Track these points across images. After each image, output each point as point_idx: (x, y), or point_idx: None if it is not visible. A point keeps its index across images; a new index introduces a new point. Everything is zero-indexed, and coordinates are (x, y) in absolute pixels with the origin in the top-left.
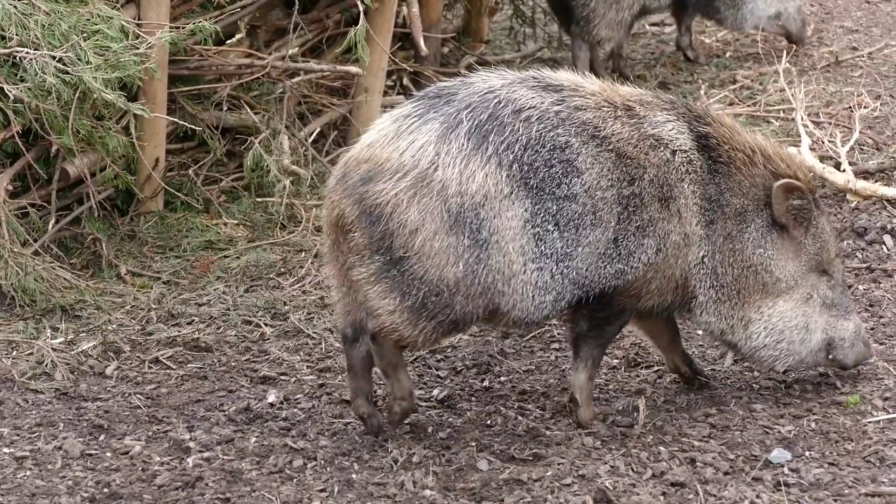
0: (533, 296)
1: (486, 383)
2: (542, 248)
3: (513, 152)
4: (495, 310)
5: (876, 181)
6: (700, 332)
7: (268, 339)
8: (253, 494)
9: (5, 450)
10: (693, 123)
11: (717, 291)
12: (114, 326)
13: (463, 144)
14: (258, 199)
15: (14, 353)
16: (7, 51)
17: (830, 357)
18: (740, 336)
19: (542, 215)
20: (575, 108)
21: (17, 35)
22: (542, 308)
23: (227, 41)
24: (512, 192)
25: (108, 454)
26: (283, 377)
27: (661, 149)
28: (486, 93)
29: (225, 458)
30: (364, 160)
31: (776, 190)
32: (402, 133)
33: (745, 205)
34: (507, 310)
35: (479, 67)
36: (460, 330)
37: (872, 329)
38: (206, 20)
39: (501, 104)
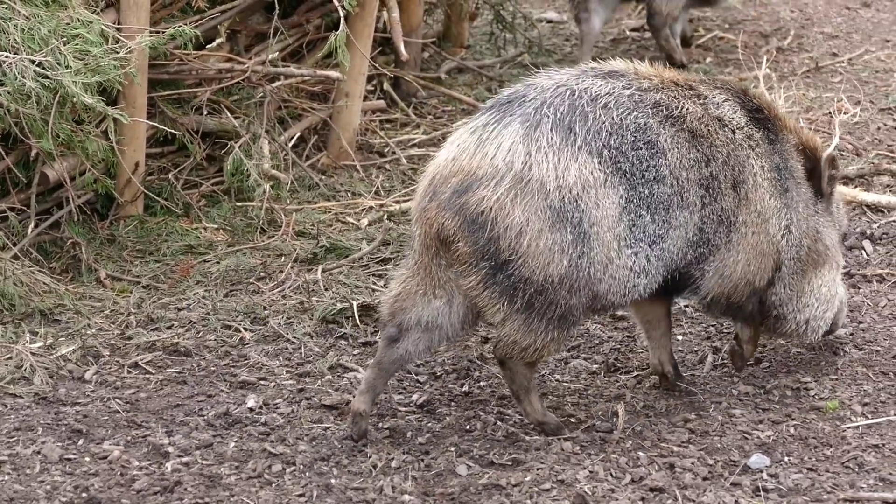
0: (628, 279)
1: (465, 388)
2: (637, 232)
3: (600, 139)
4: (594, 297)
5: (856, 187)
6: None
7: (247, 343)
8: (232, 499)
9: None
10: (742, 100)
11: (795, 262)
12: (93, 331)
13: (551, 139)
14: (238, 204)
15: None
16: None
17: (834, 321)
18: (791, 308)
19: (635, 200)
20: (645, 91)
21: None
22: (635, 291)
23: (208, 45)
24: (606, 179)
25: (87, 459)
26: (262, 382)
27: (726, 129)
28: (556, 87)
29: (204, 462)
30: (453, 174)
31: (825, 160)
32: (485, 141)
33: (801, 172)
34: (603, 295)
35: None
36: (572, 324)
37: (852, 335)
38: (186, 24)
39: (576, 95)
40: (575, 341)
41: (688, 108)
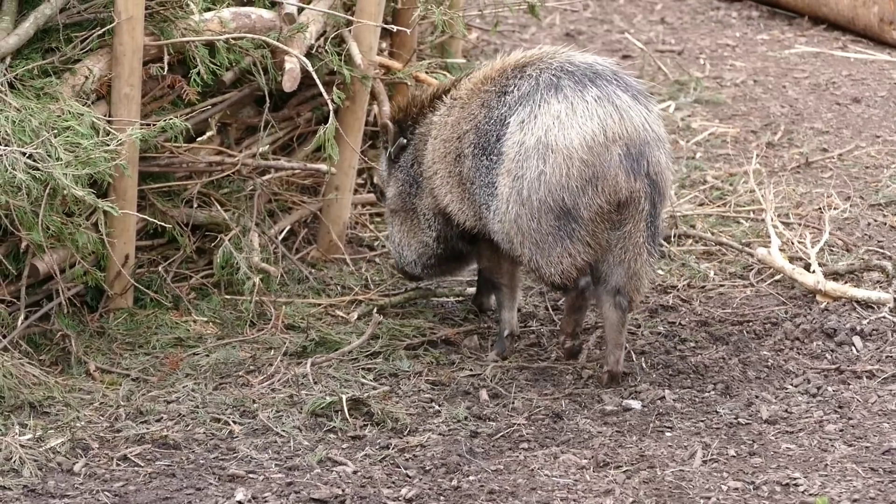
0: None
1: (454, 482)
2: None
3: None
4: None
5: (845, 282)
6: None
7: (236, 436)
8: None
9: None
10: None
11: None
12: (82, 423)
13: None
14: (228, 297)
15: None
16: None
17: None
18: None
19: None
20: None
21: None
22: None
23: (198, 138)
24: None
25: None
26: (251, 475)
27: None
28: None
29: None
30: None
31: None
32: (622, 109)
33: None
34: None
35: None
36: None
37: (841, 431)
38: (176, 117)
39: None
40: (564, 436)
41: None
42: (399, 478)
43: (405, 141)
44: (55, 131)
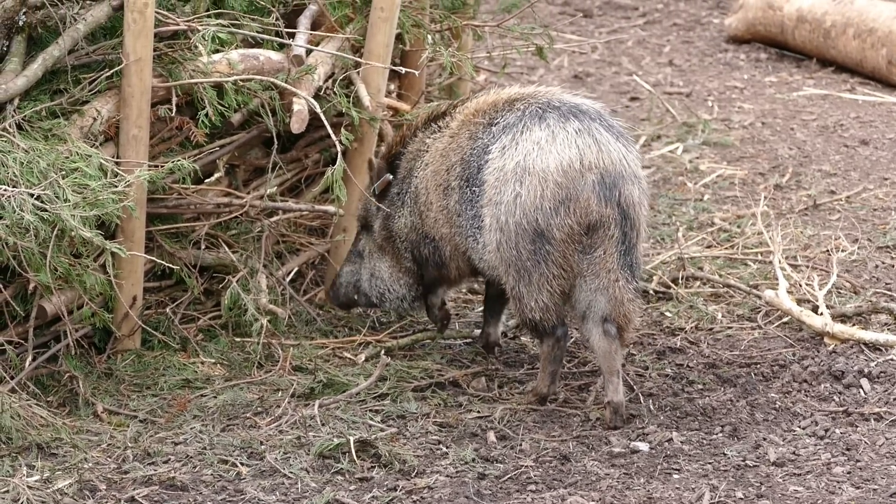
0: None
1: None
2: None
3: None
4: None
5: (853, 325)
6: None
7: (244, 478)
8: None
9: None
10: None
11: None
12: (90, 464)
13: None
14: (236, 338)
15: None
16: None
17: None
18: None
19: None
20: None
21: None
22: None
23: (206, 180)
24: None
25: None
26: None
27: None
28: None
29: None
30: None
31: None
32: (601, 142)
33: None
34: None
35: None
36: None
37: (849, 473)
38: (184, 159)
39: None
40: (571, 478)
41: None
42: None
43: (391, 177)
44: (63, 173)
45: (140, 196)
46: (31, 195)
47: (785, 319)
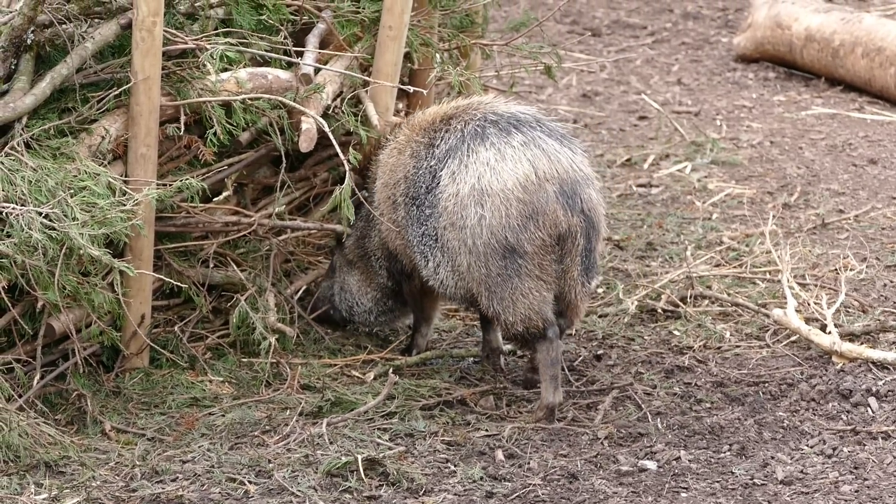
0: None
1: None
2: None
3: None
4: None
5: (861, 343)
6: None
7: (252, 496)
8: None
9: None
10: None
11: None
12: (97, 483)
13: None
14: (244, 357)
15: None
16: None
17: None
18: None
19: None
20: None
21: (3, 191)
22: None
23: (214, 198)
24: None
25: None
26: None
27: None
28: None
29: None
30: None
31: None
32: (548, 152)
33: None
34: None
35: None
36: None
37: (857, 492)
38: (193, 177)
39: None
40: (579, 496)
41: None
42: None
43: (366, 192)
44: (71, 191)
45: (148, 214)
46: (40, 213)
47: (793, 338)
